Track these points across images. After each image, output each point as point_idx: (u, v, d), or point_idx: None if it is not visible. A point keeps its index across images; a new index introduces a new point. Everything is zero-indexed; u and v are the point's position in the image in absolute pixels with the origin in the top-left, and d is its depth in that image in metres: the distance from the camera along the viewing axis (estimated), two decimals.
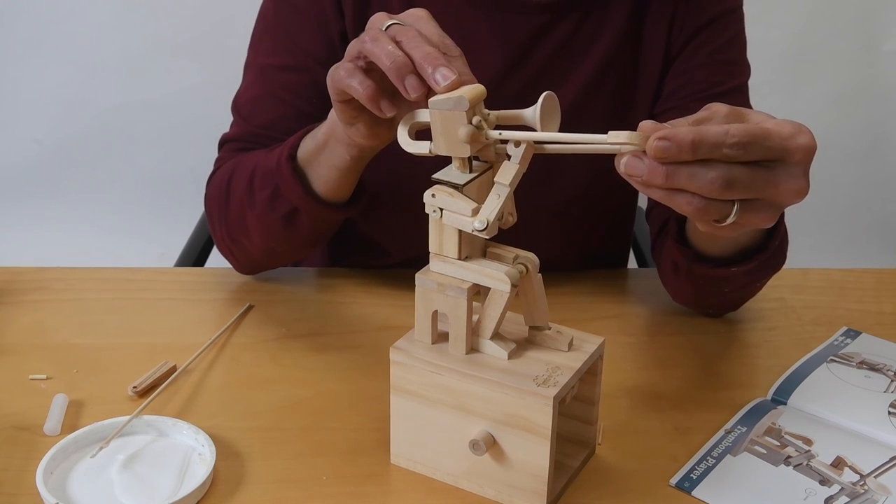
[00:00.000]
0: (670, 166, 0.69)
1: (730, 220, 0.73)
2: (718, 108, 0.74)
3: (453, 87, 0.75)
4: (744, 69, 1.13)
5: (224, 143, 1.12)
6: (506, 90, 1.06)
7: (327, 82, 0.83)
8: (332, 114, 0.90)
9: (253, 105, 1.10)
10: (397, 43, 0.77)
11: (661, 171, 0.70)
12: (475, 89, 0.75)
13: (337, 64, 0.82)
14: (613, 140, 0.71)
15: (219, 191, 1.07)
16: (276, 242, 1.04)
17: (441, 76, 0.75)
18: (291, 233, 1.02)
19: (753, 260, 0.97)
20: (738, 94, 1.10)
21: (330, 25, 1.06)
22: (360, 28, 1.08)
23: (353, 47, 0.81)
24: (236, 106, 1.12)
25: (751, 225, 0.75)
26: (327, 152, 0.93)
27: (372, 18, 0.82)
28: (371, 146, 0.88)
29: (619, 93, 1.10)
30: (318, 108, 1.02)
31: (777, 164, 0.72)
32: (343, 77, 0.80)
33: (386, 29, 0.79)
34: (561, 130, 0.76)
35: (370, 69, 0.79)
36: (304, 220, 0.99)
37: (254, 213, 1.02)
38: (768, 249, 0.96)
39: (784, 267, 1.19)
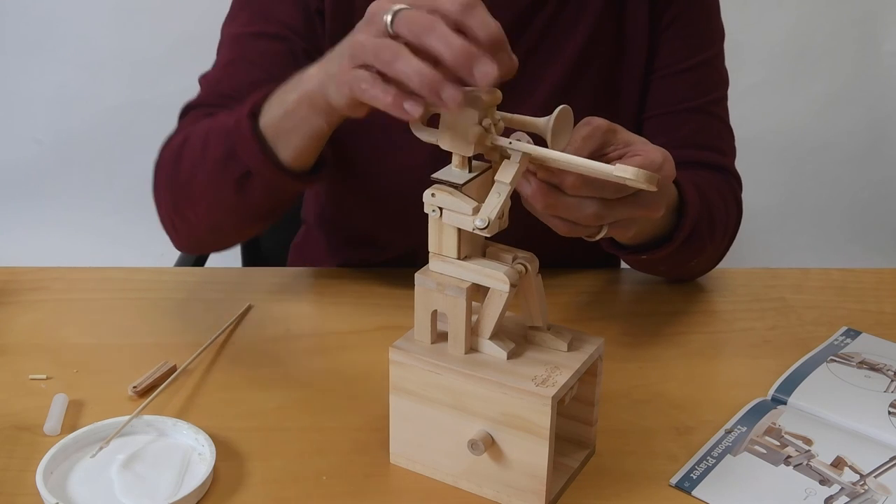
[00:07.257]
0: (551, 198, 0.77)
1: (598, 236, 0.83)
2: (599, 124, 0.79)
3: (494, 80, 0.69)
4: (716, 37, 1.15)
5: (188, 110, 1.05)
6: None
7: (339, 89, 0.77)
8: (309, 84, 0.83)
9: (223, 70, 1.05)
10: (416, 36, 0.70)
11: (540, 199, 0.77)
12: (491, 92, 0.75)
13: (349, 73, 0.74)
14: (620, 174, 0.72)
15: (171, 154, 1.00)
16: (222, 213, 0.97)
17: (481, 75, 0.68)
18: (240, 200, 0.94)
19: (662, 249, 1.00)
20: (708, 66, 1.14)
21: (308, 0, 1.05)
22: (339, 4, 1.04)
23: (354, 47, 0.74)
24: (204, 77, 1.07)
25: (614, 235, 0.85)
26: (298, 120, 0.86)
27: (373, 6, 0.73)
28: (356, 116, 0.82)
29: (606, 68, 1.11)
30: None
31: (643, 191, 0.78)
32: (367, 90, 0.73)
33: (392, 18, 0.71)
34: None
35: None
36: (257, 185, 0.92)
37: (204, 172, 0.95)
38: (675, 240, 0.99)
39: (784, 267, 1.20)
